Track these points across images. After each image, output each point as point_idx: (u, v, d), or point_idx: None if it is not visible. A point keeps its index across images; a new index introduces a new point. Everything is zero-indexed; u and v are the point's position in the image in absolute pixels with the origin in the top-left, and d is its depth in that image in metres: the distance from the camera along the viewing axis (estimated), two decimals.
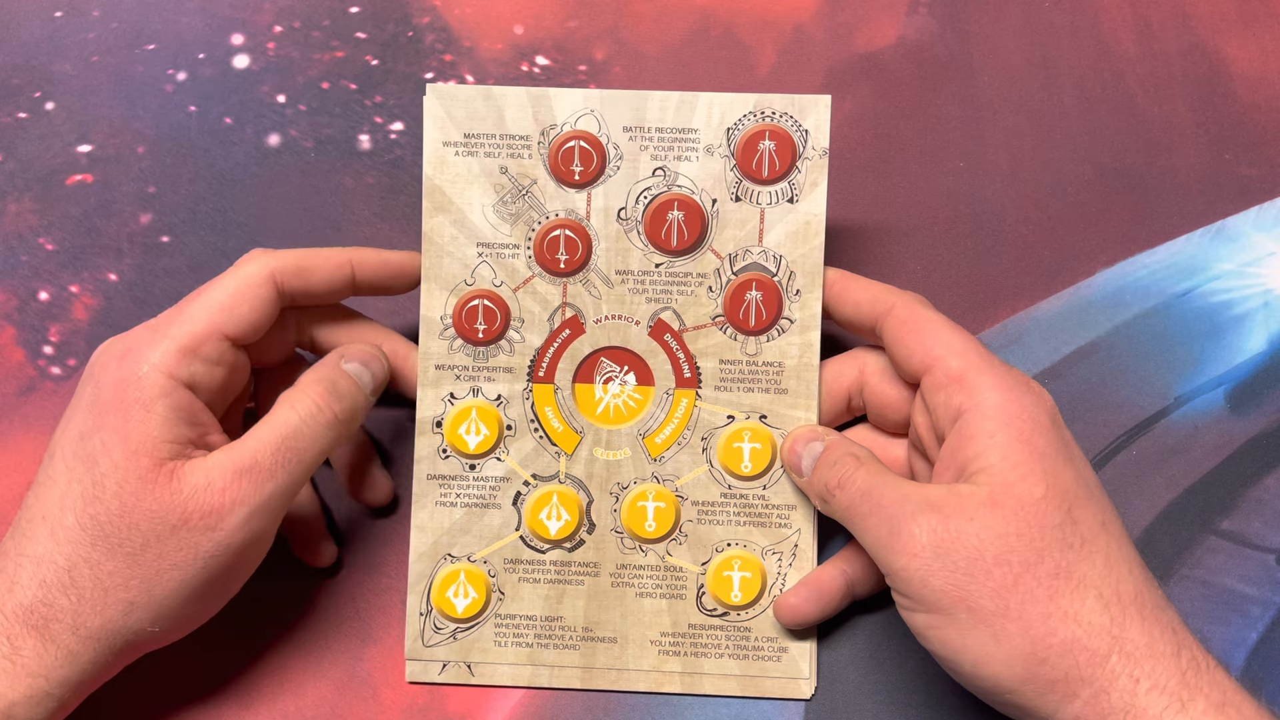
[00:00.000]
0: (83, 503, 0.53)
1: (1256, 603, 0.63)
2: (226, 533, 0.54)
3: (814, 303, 0.60)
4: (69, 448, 0.54)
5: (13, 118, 0.68)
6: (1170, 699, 0.48)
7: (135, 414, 0.54)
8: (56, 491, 0.54)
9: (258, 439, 0.55)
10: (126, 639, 0.54)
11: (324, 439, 0.56)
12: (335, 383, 0.57)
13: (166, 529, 0.53)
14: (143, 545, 0.53)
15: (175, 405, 0.54)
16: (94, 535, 0.53)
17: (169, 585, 0.54)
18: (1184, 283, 0.66)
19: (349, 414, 0.57)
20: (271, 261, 0.57)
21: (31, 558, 0.53)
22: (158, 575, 0.53)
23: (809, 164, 0.60)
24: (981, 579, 0.50)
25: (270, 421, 0.56)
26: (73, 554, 0.53)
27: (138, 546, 0.53)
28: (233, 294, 0.56)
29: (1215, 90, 0.67)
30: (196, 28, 0.68)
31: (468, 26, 0.68)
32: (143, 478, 0.53)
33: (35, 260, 0.66)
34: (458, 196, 0.60)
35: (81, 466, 0.53)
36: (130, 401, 0.54)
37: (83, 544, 0.53)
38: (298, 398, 0.56)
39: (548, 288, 0.61)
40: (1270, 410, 0.65)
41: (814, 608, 0.60)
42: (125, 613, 0.53)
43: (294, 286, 0.58)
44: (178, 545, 0.53)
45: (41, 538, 0.53)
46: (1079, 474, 0.53)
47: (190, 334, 0.55)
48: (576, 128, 0.60)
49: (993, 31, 0.68)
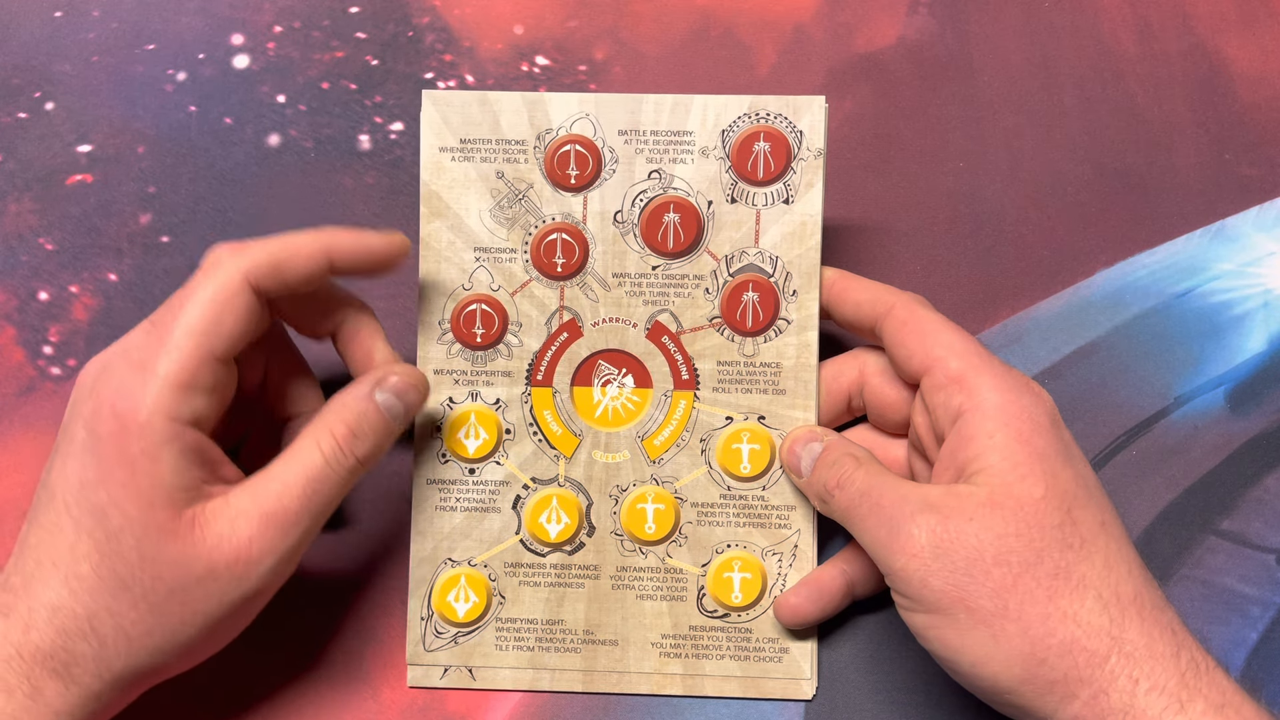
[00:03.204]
0: (99, 556, 0.51)
1: (1256, 603, 0.63)
2: (255, 581, 0.53)
3: (811, 303, 0.60)
4: (71, 495, 0.52)
5: (13, 118, 0.68)
6: (1169, 700, 0.48)
7: (142, 465, 0.51)
8: (65, 540, 0.51)
9: (282, 482, 0.53)
10: (148, 674, 0.53)
11: (349, 482, 0.55)
12: (362, 421, 0.56)
13: (192, 580, 0.52)
14: (167, 595, 0.51)
15: (183, 449, 0.52)
16: (114, 587, 0.51)
17: (194, 628, 0.52)
18: (1184, 283, 0.66)
19: (375, 454, 0.56)
20: (243, 262, 0.54)
21: (46, 605, 0.51)
22: (183, 622, 0.52)
23: (804, 165, 0.59)
24: (981, 579, 0.50)
25: (294, 462, 0.54)
26: (92, 604, 0.51)
27: (162, 597, 0.51)
28: (212, 309, 0.53)
29: (1215, 90, 0.67)
30: (196, 28, 0.68)
31: (468, 26, 0.68)
32: (162, 530, 0.51)
33: (35, 260, 0.67)
34: (454, 202, 0.60)
35: (90, 519, 0.51)
36: (135, 453, 0.51)
37: (102, 595, 0.51)
38: (323, 436, 0.55)
39: (545, 291, 0.61)
40: (1270, 410, 0.64)
41: (814, 608, 0.60)
42: (150, 655, 0.52)
43: (271, 286, 0.54)
44: (204, 594, 0.52)
45: (55, 585, 0.51)
46: (1078, 474, 0.53)
47: (182, 368, 0.52)
48: (572, 132, 0.60)
49: (993, 31, 0.68)
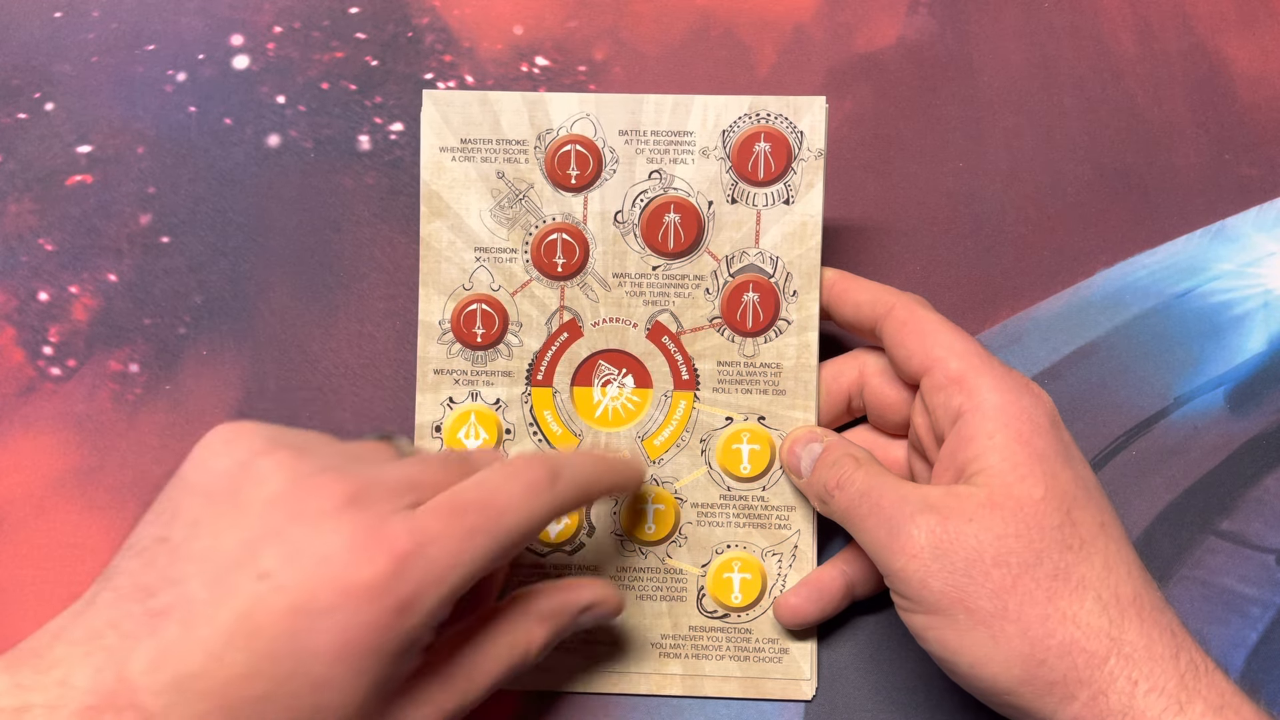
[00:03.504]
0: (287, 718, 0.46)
1: (1256, 603, 0.63)
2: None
3: (811, 304, 0.60)
4: (273, 645, 0.46)
5: (13, 118, 0.68)
6: (1168, 701, 0.48)
7: (390, 661, 0.48)
8: (249, 689, 0.45)
9: (470, 681, 0.52)
10: None
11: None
12: (563, 633, 0.56)
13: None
14: None
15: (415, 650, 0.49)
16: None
17: None
18: (1184, 283, 0.66)
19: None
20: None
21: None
22: None
23: (804, 165, 0.59)
24: (980, 580, 0.50)
25: (488, 661, 0.53)
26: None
27: None
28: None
29: (1215, 90, 0.67)
30: (196, 28, 0.68)
31: (467, 27, 0.68)
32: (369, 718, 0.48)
33: (35, 260, 0.66)
34: (455, 202, 0.60)
35: (303, 683, 0.46)
36: (388, 649, 0.47)
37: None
38: (518, 640, 0.54)
39: (545, 291, 0.61)
40: (1270, 410, 0.64)
41: (814, 608, 0.60)
42: None
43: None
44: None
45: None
46: (1078, 475, 0.53)
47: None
48: (572, 132, 0.60)
49: (993, 31, 0.68)
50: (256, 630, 0.45)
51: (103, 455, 0.65)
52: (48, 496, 0.65)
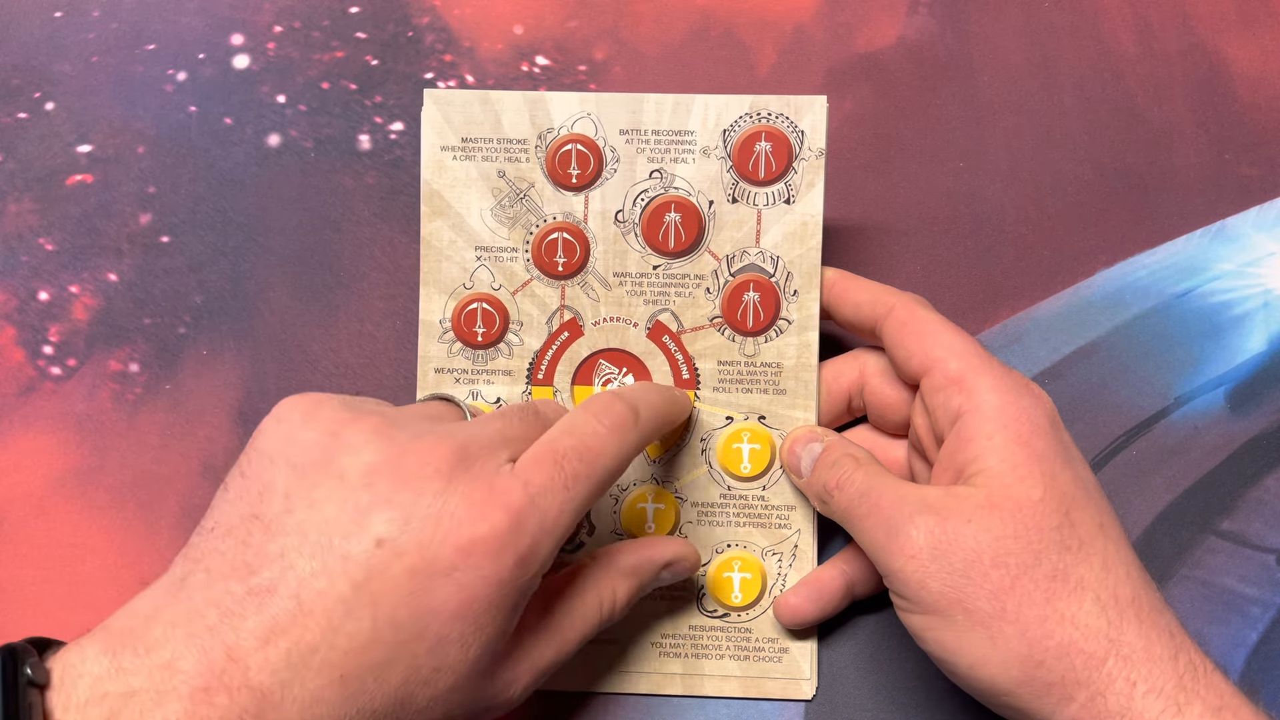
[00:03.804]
0: (404, 683, 0.47)
1: (1256, 603, 0.63)
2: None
3: (811, 303, 0.60)
4: (404, 615, 0.46)
5: (13, 118, 0.68)
6: (1167, 702, 0.48)
7: (504, 616, 0.49)
8: (369, 656, 0.46)
9: (563, 640, 0.53)
10: None
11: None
12: (645, 590, 0.57)
13: (463, 717, 0.50)
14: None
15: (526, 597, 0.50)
16: (397, 716, 0.47)
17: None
18: (1184, 283, 0.66)
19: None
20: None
21: (315, 719, 0.45)
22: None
23: (805, 165, 0.59)
24: (979, 581, 0.50)
25: (577, 619, 0.54)
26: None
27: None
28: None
29: (1215, 90, 0.67)
30: (196, 28, 0.68)
31: (468, 26, 0.68)
32: (478, 678, 0.49)
33: (35, 260, 0.67)
34: (456, 201, 0.60)
35: (424, 649, 0.47)
36: (505, 603, 0.48)
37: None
38: (606, 597, 0.55)
39: (546, 290, 0.61)
40: (1270, 410, 0.64)
41: (814, 608, 0.60)
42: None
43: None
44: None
45: (332, 701, 0.45)
46: (1077, 476, 0.53)
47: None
48: (573, 131, 0.60)
49: (993, 31, 0.68)
50: (377, 597, 0.46)
51: (103, 455, 0.65)
52: (48, 496, 0.65)
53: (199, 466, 0.65)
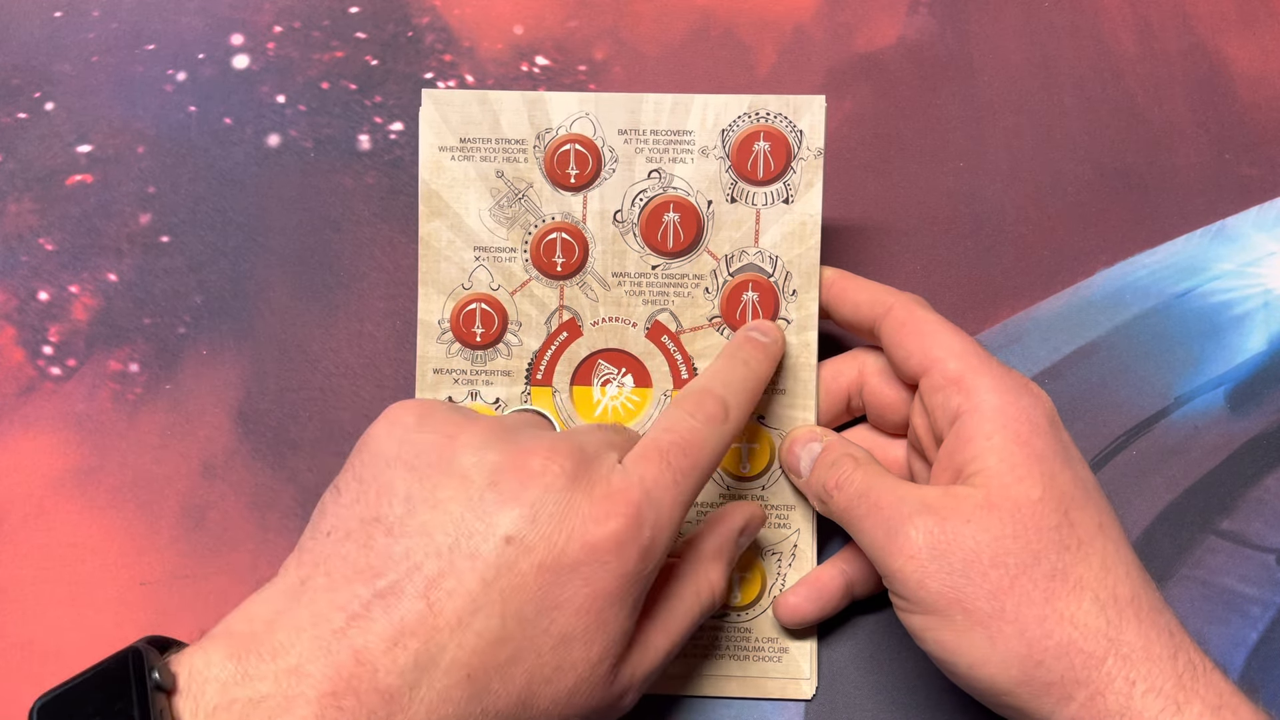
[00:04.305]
0: (528, 682, 0.47)
1: (1256, 603, 0.63)
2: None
3: (810, 303, 0.60)
4: (531, 611, 0.47)
5: (13, 118, 0.68)
6: (1166, 702, 0.48)
7: (626, 611, 0.49)
8: (496, 655, 0.46)
9: (668, 639, 0.53)
10: None
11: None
12: (729, 570, 0.57)
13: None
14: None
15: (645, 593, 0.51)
16: (519, 716, 0.48)
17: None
18: (1184, 283, 0.66)
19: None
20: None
21: (442, 719, 0.46)
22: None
23: (804, 164, 0.59)
24: (978, 581, 0.50)
25: (681, 614, 0.54)
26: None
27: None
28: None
29: (1215, 90, 0.67)
30: (196, 28, 0.68)
31: (468, 26, 0.68)
32: (599, 680, 0.49)
33: (35, 260, 0.67)
34: (454, 201, 0.60)
35: (549, 646, 0.47)
36: (628, 597, 0.49)
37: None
38: (703, 588, 0.55)
39: (545, 291, 0.61)
40: (1270, 410, 0.64)
41: (814, 607, 0.60)
42: None
43: None
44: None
45: (459, 701, 0.46)
46: (1077, 476, 0.53)
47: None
48: (572, 131, 0.60)
49: (993, 31, 0.68)
50: (506, 594, 0.46)
51: (103, 455, 0.65)
52: (48, 496, 0.65)
53: (199, 466, 0.65)
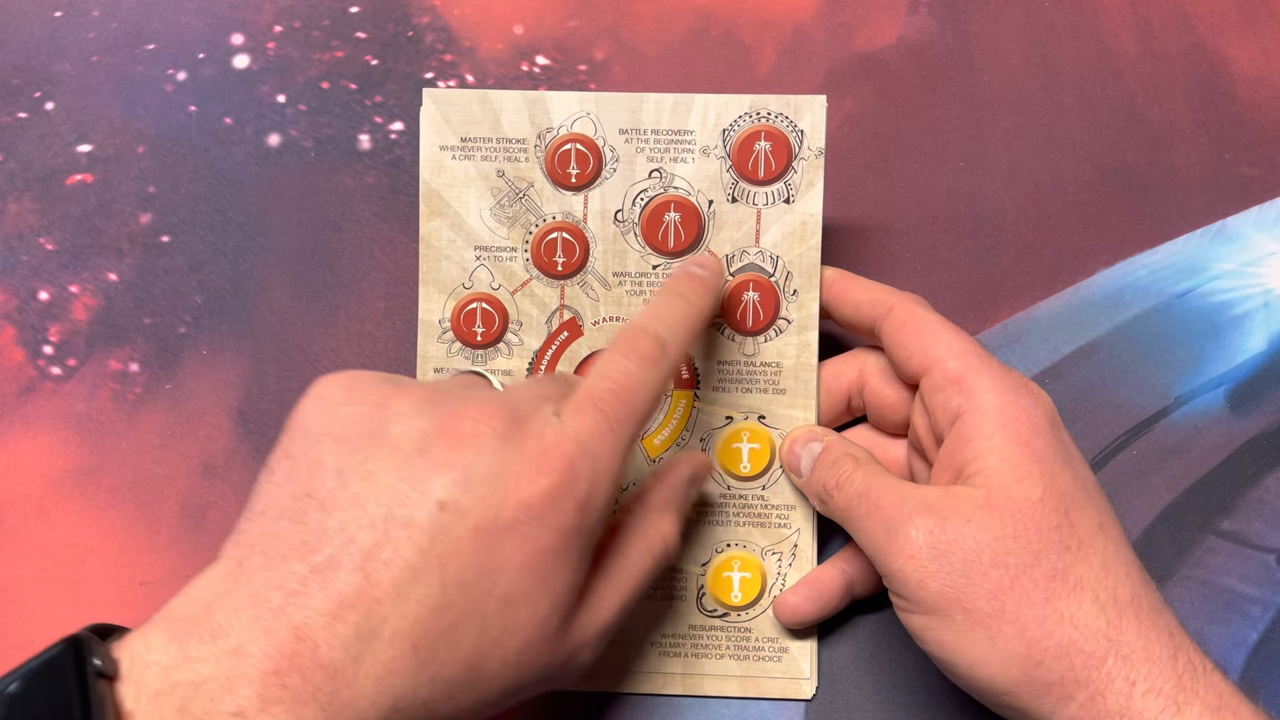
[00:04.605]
0: (475, 646, 0.47)
1: (1256, 603, 0.63)
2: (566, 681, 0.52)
3: (811, 303, 0.60)
4: (470, 575, 0.46)
5: (13, 118, 0.68)
6: (1166, 702, 0.48)
7: (571, 559, 0.49)
8: (439, 621, 0.46)
9: (621, 591, 0.52)
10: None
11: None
12: (684, 515, 0.57)
13: (534, 683, 0.50)
14: (516, 693, 0.49)
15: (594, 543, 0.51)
16: (470, 682, 0.47)
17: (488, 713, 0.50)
18: (1184, 283, 0.66)
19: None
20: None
21: (389, 690, 0.45)
22: (506, 705, 0.50)
23: (805, 164, 0.59)
24: (978, 581, 0.50)
25: (633, 565, 0.53)
26: (440, 695, 0.46)
27: (510, 694, 0.49)
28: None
29: (1215, 90, 0.67)
30: (196, 28, 0.68)
31: (468, 26, 0.68)
32: (550, 639, 0.49)
33: (35, 260, 0.67)
34: (455, 200, 0.60)
35: (495, 609, 0.47)
36: (571, 552, 0.48)
37: (455, 688, 0.47)
38: (655, 540, 0.54)
39: (545, 290, 0.61)
40: (1270, 410, 0.64)
41: (814, 607, 0.60)
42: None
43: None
44: (534, 690, 0.50)
45: (405, 671, 0.45)
46: (1077, 476, 0.53)
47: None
48: (573, 130, 0.60)
49: (993, 31, 0.68)
50: (444, 559, 0.46)
51: (103, 455, 0.65)
52: (48, 496, 0.65)
53: (199, 466, 0.65)
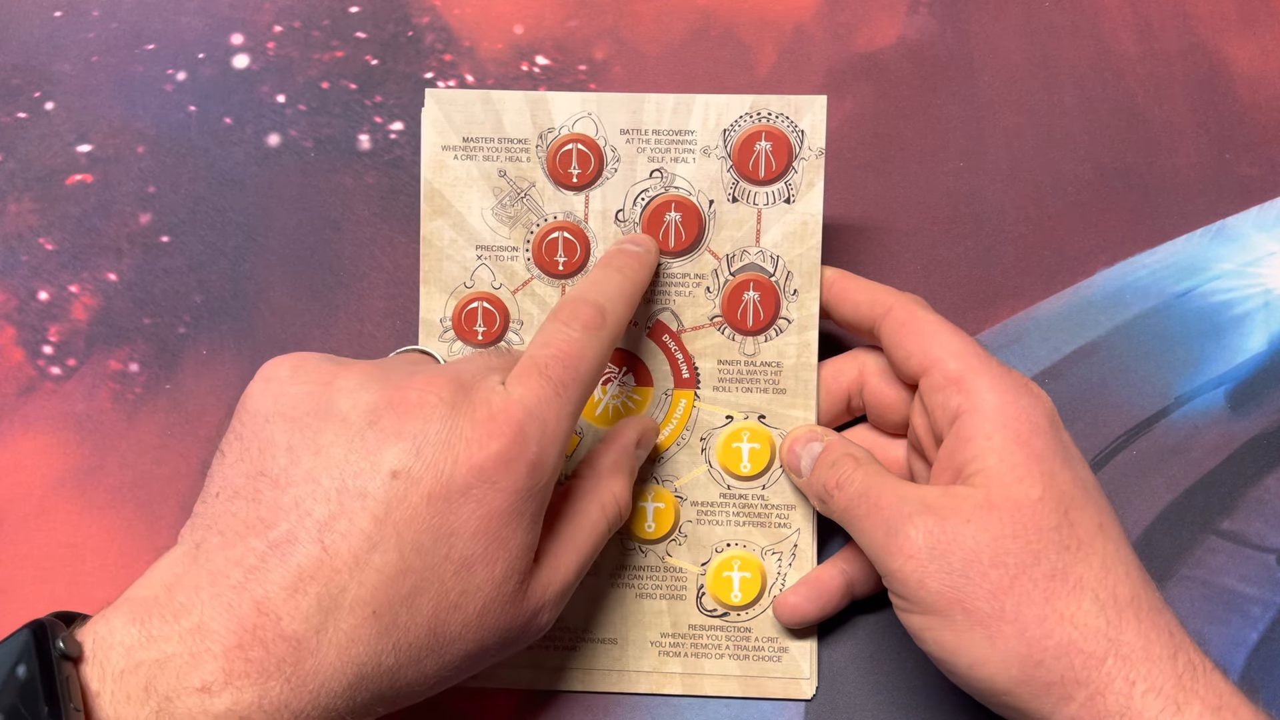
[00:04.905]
0: (435, 611, 0.48)
1: (1256, 603, 0.63)
2: (523, 644, 0.53)
3: (811, 303, 0.60)
4: (427, 539, 0.47)
5: (13, 118, 0.68)
6: (1166, 702, 0.48)
7: (524, 521, 0.50)
8: (399, 588, 0.47)
9: (576, 551, 0.54)
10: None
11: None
12: (633, 479, 0.58)
13: (492, 648, 0.51)
14: (463, 660, 0.50)
15: (546, 503, 0.52)
16: (432, 647, 0.48)
17: (452, 680, 0.51)
18: (1184, 283, 0.66)
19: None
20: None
21: (353, 659, 0.46)
22: (443, 672, 0.50)
23: (805, 164, 0.59)
24: (978, 581, 0.50)
25: (585, 527, 0.54)
26: (404, 661, 0.48)
27: (474, 658, 0.50)
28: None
29: (1215, 90, 0.67)
30: (196, 28, 0.68)
31: (468, 26, 0.68)
32: (508, 600, 0.50)
33: (35, 260, 0.67)
34: (457, 200, 0.60)
35: (450, 572, 0.48)
36: (524, 513, 0.50)
37: (418, 654, 0.48)
38: (608, 502, 0.56)
39: (547, 290, 0.61)
40: (1270, 410, 0.64)
41: (814, 607, 0.60)
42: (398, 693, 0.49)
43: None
44: (484, 658, 0.51)
45: (367, 639, 0.46)
46: (1076, 476, 0.53)
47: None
48: (574, 130, 0.60)
49: (993, 31, 0.68)
50: (400, 526, 0.47)
51: (103, 455, 0.65)
52: (48, 496, 0.65)
53: (199, 466, 0.65)
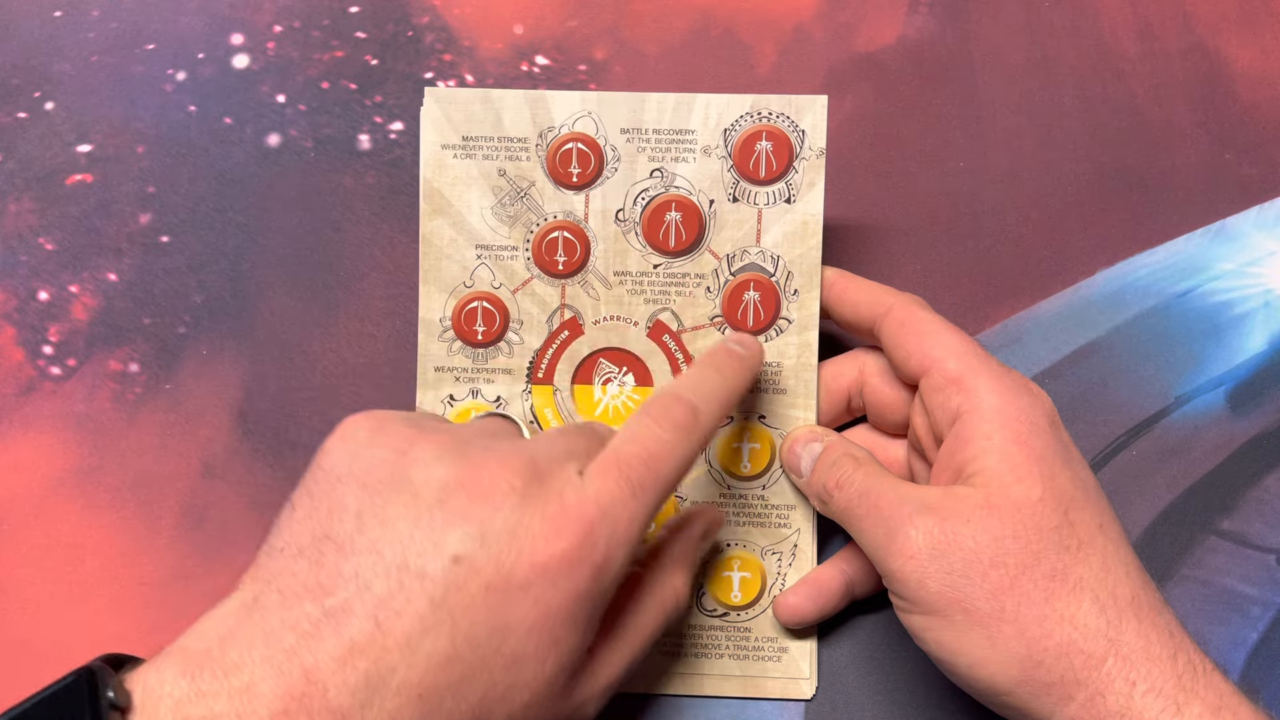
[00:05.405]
0: (481, 701, 0.46)
1: (1256, 603, 0.63)
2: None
3: (812, 303, 0.60)
4: (482, 633, 0.46)
5: (13, 118, 0.68)
6: (1166, 702, 0.48)
7: (580, 628, 0.48)
8: (447, 675, 0.45)
9: (631, 647, 0.53)
10: None
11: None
12: (692, 575, 0.57)
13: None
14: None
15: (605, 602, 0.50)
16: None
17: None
18: (1184, 283, 0.66)
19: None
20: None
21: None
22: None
23: (806, 164, 0.59)
24: (978, 581, 0.50)
25: (634, 635, 0.53)
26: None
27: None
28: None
29: (1215, 90, 0.67)
30: (196, 28, 0.68)
31: (467, 26, 0.68)
32: (555, 696, 0.48)
33: (35, 260, 0.67)
34: (456, 199, 0.60)
35: (500, 665, 0.47)
36: (582, 614, 0.48)
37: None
38: (668, 596, 0.55)
39: (546, 289, 0.61)
40: (1270, 410, 0.64)
41: (813, 607, 0.60)
42: None
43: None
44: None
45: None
46: (1076, 476, 0.53)
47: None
48: (574, 130, 0.60)
49: (993, 31, 0.68)
50: (455, 614, 0.45)
51: (103, 455, 0.65)
52: (48, 496, 0.65)
53: (199, 466, 0.65)
